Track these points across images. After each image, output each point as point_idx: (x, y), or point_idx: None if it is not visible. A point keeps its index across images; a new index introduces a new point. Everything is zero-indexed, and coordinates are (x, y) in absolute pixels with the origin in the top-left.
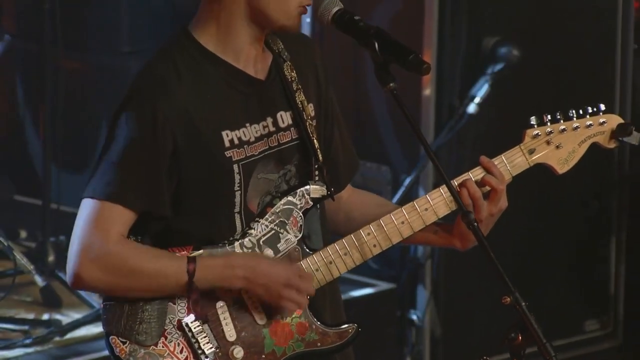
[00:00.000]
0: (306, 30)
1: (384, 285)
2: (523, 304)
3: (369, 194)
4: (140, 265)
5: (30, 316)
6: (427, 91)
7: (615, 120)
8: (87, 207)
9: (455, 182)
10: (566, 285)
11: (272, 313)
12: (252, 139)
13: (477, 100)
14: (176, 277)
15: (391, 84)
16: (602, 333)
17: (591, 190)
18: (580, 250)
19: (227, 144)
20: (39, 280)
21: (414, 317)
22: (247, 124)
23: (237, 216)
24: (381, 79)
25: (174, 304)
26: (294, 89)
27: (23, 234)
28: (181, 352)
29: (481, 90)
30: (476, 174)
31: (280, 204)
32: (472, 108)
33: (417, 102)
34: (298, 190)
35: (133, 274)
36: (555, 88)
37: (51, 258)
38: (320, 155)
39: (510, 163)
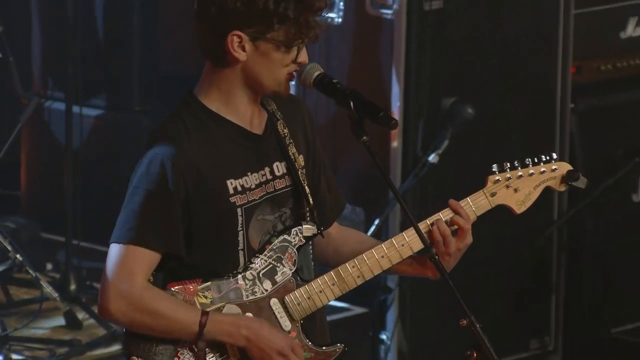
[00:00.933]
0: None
1: (358, 310)
2: (478, 326)
3: (353, 230)
4: (160, 310)
5: (55, 337)
6: (395, 143)
7: (565, 167)
8: (114, 251)
9: (428, 222)
10: (515, 309)
11: None
12: (253, 186)
13: (437, 151)
14: (189, 326)
15: (364, 137)
16: (545, 351)
17: (536, 226)
18: (528, 278)
19: (231, 190)
20: (62, 306)
21: (384, 337)
22: (249, 173)
23: (240, 253)
24: (356, 133)
25: None
26: (287, 143)
27: (49, 266)
28: None
29: (441, 143)
30: (445, 214)
31: (277, 242)
32: (433, 158)
33: (386, 153)
34: (292, 230)
35: (152, 317)
36: (504, 141)
37: (73, 287)
38: (310, 199)
39: (475, 204)
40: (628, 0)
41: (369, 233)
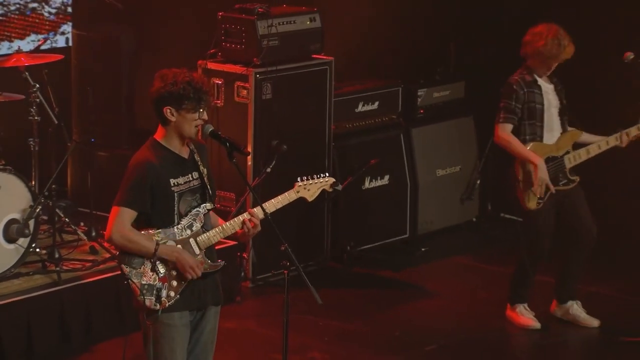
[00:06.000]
0: None
1: (232, 243)
2: (289, 249)
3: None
4: (136, 240)
5: (84, 258)
6: (250, 162)
7: (331, 180)
8: (115, 210)
9: (240, 217)
10: (310, 240)
11: None
12: (182, 183)
13: (270, 166)
14: (149, 250)
15: (234, 160)
16: (322, 260)
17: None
18: (313, 223)
19: (172, 184)
20: (88, 243)
21: (245, 255)
22: (180, 176)
23: (175, 216)
24: (229, 158)
25: None
26: (198, 163)
27: (82, 224)
28: (149, 272)
29: (271, 162)
30: (246, 215)
31: (194, 211)
32: (268, 170)
33: (245, 167)
34: (201, 205)
35: (132, 243)
36: (300, 161)
37: (94, 234)
38: (210, 191)
39: (289, 196)
40: (358, 94)
41: (237, 206)
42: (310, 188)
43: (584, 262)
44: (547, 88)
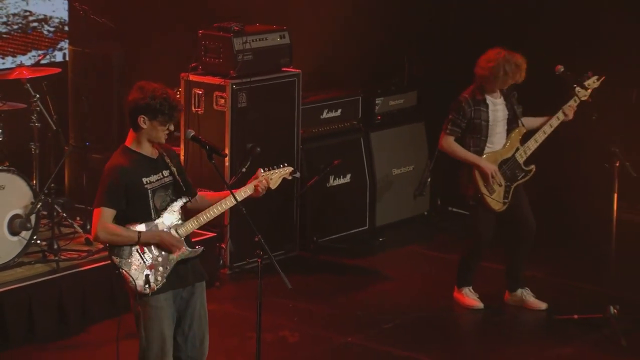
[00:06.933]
0: None
1: (213, 234)
2: (262, 240)
3: (200, 195)
4: (120, 233)
5: (80, 249)
6: (227, 163)
7: (290, 168)
8: (97, 211)
9: (252, 183)
10: (282, 231)
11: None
12: (154, 180)
13: (245, 166)
14: (133, 239)
15: (213, 161)
16: (290, 249)
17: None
18: (285, 215)
19: (145, 183)
20: (84, 235)
21: (223, 246)
22: (152, 175)
23: (152, 210)
24: (209, 159)
25: None
26: (168, 163)
27: (78, 218)
28: (137, 260)
29: (247, 162)
30: (255, 182)
31: (171, 205)
32: (244, 169)
33: (222, 168)
34: (177, 200)
35: (117, 236)
36: (273, 162)
37: (88, 227)
38: (183, 186)
39: (253, 185)
40: (323, 102)
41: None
42: (272, 177)
43: (526, 253)
44: (497, 104)
